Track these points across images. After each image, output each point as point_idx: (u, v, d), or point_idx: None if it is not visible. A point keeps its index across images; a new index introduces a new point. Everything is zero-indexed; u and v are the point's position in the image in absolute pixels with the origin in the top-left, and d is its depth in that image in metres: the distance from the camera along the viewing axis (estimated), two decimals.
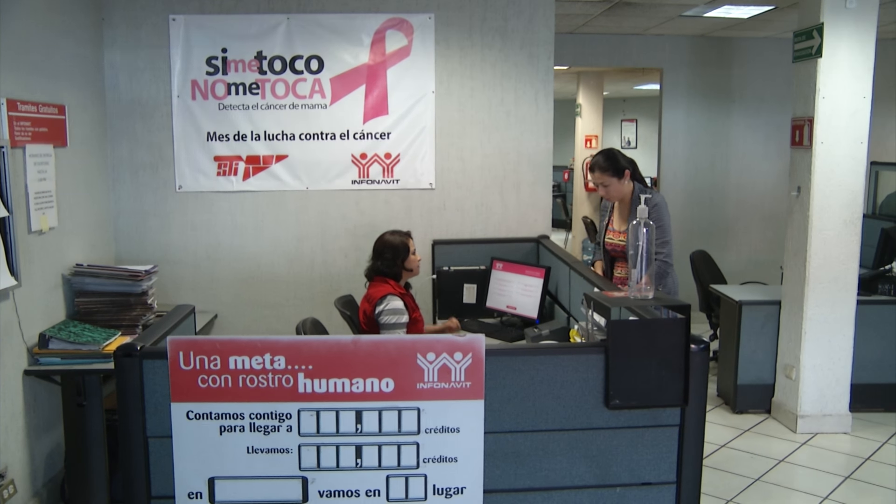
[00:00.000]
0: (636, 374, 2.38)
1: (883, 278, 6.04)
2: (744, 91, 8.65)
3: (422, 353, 2.27)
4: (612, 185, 4.64)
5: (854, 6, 5.19)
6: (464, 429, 2.33)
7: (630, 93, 16.07)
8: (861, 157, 5.37)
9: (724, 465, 5.06)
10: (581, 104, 12.30)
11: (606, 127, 15.47)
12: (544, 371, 2.40)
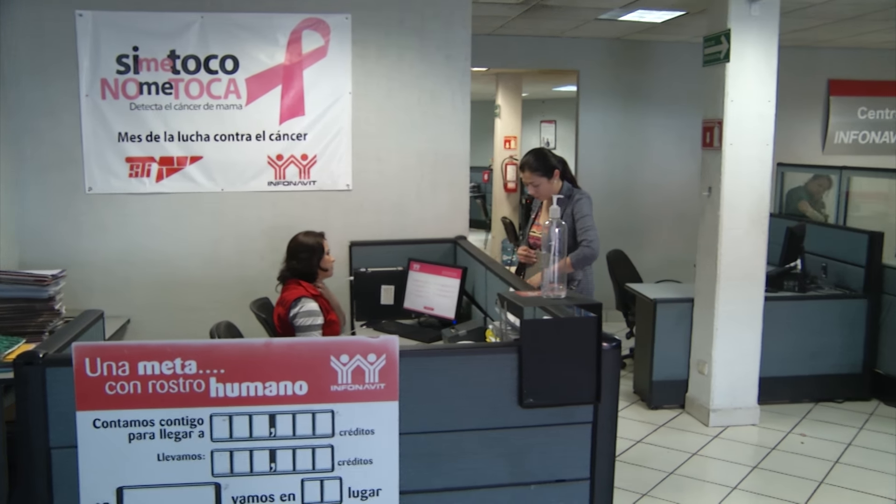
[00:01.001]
0: (549, 373, 2.41)
1: (788, 275, 6.26)
2: (658, 93, 8.84)
3: (335, 356, 2.25)
4: (542, 185, 4.75)
5: (758, 14, 5.37)
6: (379, 430, 2.32)
7: (549, 94, 16.26)
8: (767, 159, 5.55)
9: (640, 460, 5.17)
10: (500, 105, 12.39)
11: (526, 128, 15.62)
12: (458, 371, 2.42)
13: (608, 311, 8.14)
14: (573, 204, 4.74)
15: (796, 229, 6.42)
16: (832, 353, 6.24)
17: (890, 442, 5.52)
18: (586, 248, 4.61)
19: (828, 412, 6.09)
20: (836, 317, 6.22)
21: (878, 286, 6.24)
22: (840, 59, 9.38)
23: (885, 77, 9.55)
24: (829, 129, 9.46)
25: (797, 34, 8.22)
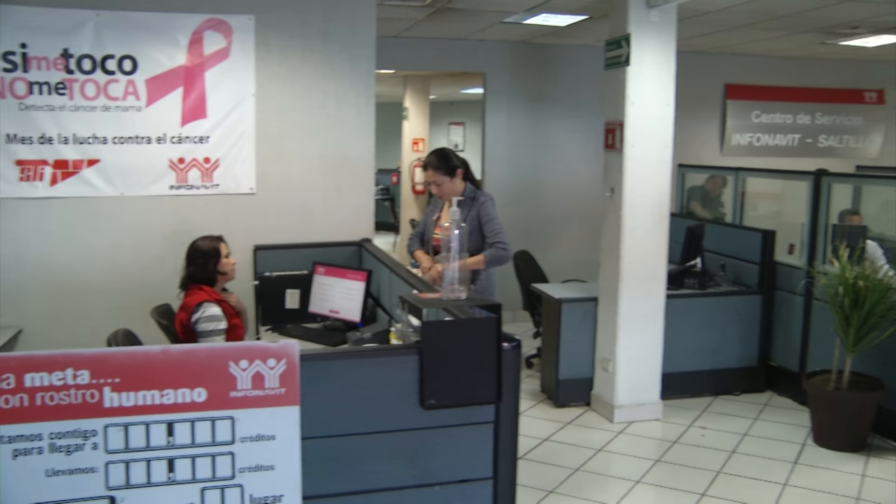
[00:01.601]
0: (450, 374, 2.42)
1: (689, 273, 6.44)
2: (563, 95, 8.99)
3: (234, 361, 2.22)
4: (444, 184, 4.78)
5: (657, 19, 5.51)
6: (280, 436, 2.30)
7: (457, 96, 16.35)
8: (667, 160, 5.71)
9: (547, 458, 5.24)
10: (408, 107, 12.41)
11: (434, 130, 15.67)
12: (360, 374, 2.41)
13: (516, 312, 8.24)
14: (478, 206, 4.80)
15: (696, 229, 6.62)
16: (730, 347, 6.46)
17: (782, 430, 5.75)
18: (502, 251, 4.70)
19: (726, 405, 6.29)
20: (734, 313, 6.45)
21: (772, 282, 6.49)
22: (736, 65, 9.72)
23: (777, 83, 9.94)
24: (726, 132, 9.79)
25: (695, 40, 8.47)
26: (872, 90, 10.39)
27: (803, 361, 6.26)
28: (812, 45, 8.73)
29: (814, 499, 4.71)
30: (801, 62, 9.93)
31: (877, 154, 10.42)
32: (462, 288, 2.60)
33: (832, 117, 10.30)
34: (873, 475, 5.04)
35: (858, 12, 6.89)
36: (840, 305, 5.31)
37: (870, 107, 10.41)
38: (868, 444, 5.44)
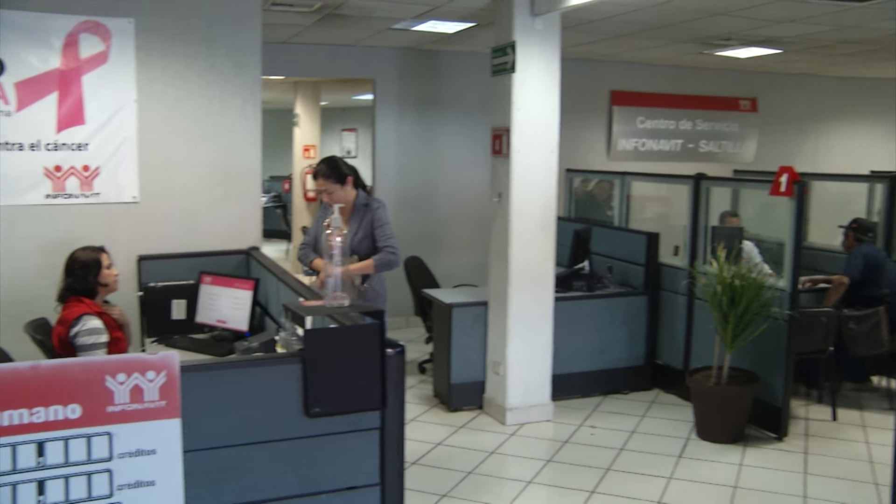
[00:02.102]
0: (334, 381, 2.41)
1: (577, 276, 6.58)
2: (452, 101, 9.06)
3: (111, 375, 2.15)
4: (335, 192, 4.82)
5: (541, 28, 5.63)
6: (161, 450, 2.24)
7: (349, 103, 16.28)
8: (553, 165, 5.82)
9: (440, 462, 5.26)
10: (299, 114, 12.30)
11: (327, 136, 15.57)
12: (243, 384, 2.38)
13: (409, 318, 8.27)
14: (372, 212, 4.84)
15: (583, 232, 6.77)
16: (618, 347, 6.63)
17: (667, 426, 5.94)
18: (392, 255, 4.77)
19: (615, 403, 6.45)
20: (621, 314, 6.62)
21: (656, 283, 6.70)
22: (621, 72, 10.00)
23: (660, 90, 10.28)
24: (612, 137, 10.05)
25: (581, 48, 8.68)
26: (746, 98, 10.87)
27: (687, 359, 6.48)
28: (691, 54, 9.06)
29: (696, 490, 4.89)
30: (682, 70, 10.30)
31: (752, 158, 10.88)
32: (345, 295, 2.59)
33: (711, 123, 10.71)
34: (750, 464, 5.27)
35: (729, 25, 7.21)
36: (718, 304, 5.52)
37: (744, 114, 10.88)
38: (745, 435, 5.68)
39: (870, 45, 8.38)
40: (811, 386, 6.63)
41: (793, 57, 9.24)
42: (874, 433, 5.82)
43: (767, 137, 11.08)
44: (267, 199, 15.78)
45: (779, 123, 11.16)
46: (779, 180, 5.49)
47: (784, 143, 11.23)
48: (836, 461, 5.36)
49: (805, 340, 5.88)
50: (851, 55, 9.06)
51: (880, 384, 6.91)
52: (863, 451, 5.52)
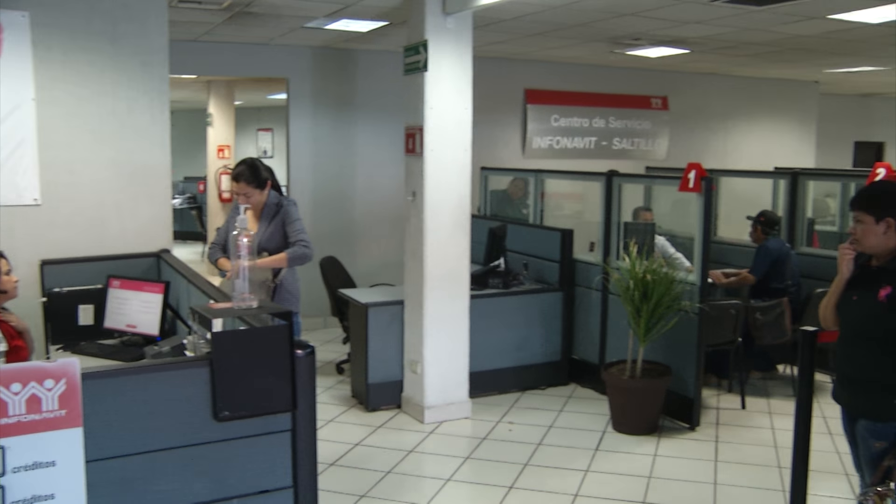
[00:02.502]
0: (244, 384, 2.38)
1: (493, 273, 6.63)
2: (367, 100, 9.01)
3: (4, 385, 2.06)
4: (253, 196, 4.83)
5: (453, 26, 5.64)
6: (61, 461, 2.16)
7: (264, 102, 16.07)
8: (466, 163, 5.85)
9: (359, 463, 5.24)
10: (212, 113, 12.08)
11: (242, 136, 15.36)
12: (149, 390, 2.32)
13: (326, 318, 8.21)
14: (283, 210, 4.84)
15: (497, 230, 6.82)
16: (535, 343, 6.70)
17: (584, 420, 6.03)
18: (305, 248, 4.77)
19: (533, 399, 6.52)
20: (537, 310, 6.69)
21: (571, 279, 6.79)
22: (535, 71, 10.11)
23: (574, 88, 10.42)
24: (527, 135, 10.14)
25: (495, 46, 8.74)
26: (658, 97, 11.12)
27: (602, 353, 6.59)
28: (603, 53, 9.22)
29: (612, 482, 4.97)
30: (595, 69, 10.47)
31: (664, 156, 11.14)
32: (254, 296, 2.55)
33: (624, 121, 10.91)
34: (664, 454, 5.39)
35: (638, 26, 7.36)
36: (631, 299, 5.63)
37: (656, 112, 11.13)
38: (660, 426, 5.81)
39: (770, 47, 8.67)
40: (721, 376, 6.81)
41: (700, 57, 9.49)
42: (779, 419, 6.02)
43: (678, 135, 11.36)
44: (181, 200, 15.48)
45: (689, 121, 11.46)
46: (687, 177, 5.63)
47: (694, 140, 11.54)
48: (744, 448, 5.53)
49: (715, 332, 6.05)
50: (754, 56, 9.36)
51: (785, 372, 7.14)
52: (769, 437, 5.71)
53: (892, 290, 3.29)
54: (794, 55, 9.31)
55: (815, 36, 7.91)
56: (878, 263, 3.41)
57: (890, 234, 3.34)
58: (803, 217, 7.61)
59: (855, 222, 3.40)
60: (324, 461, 5.14)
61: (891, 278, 3.32)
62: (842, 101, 14.81)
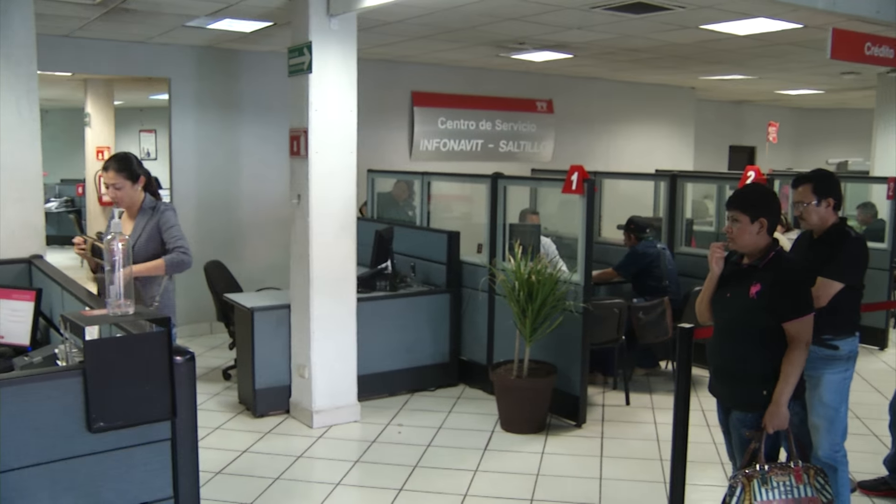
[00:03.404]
0: (119, 393, 2.29)
1: (380, 276, 6.61)
2: (253, 102, 8.87)
3: None
4: (124, 188, 4.52)
5: (337, 28, 5.61)
6: None
7: (146, 102, 15.59)
8: (351, 166, 5.82)
9: (247, 470, 5.14)
10: (90, 113, 11.65)
11: (123, 137, 14.86)
12: (15, 403, 2.20)
13: (212, 323, 8.04)
14: (159, 215, 4.58)
15: (384, 232, 6.81)
16: (423, 345, 6.72)
17: (473, 420, 6.08)
18: (184, 255, 4.51)
19: (422, 401, 6.54)
20: (425, 312, 6.72)
21: (458, 281, 6.84)
22: (422, 74, 10.15)
23: (461, 91, 10.52)
24: (414, 138, 10.18)
25: (381, 49, 8.74)
26: (543, 100, 11.34)
27: (490, 354, 6.66)
28: (488, 57, 9.34)
29: (501, 481, 5.03)
30: (481, 72, 10.60)
31: (550, 158, 11.36)
32: (129, 303, 2.47)
33: (510, 124, 11.08)
34: (551, 451, 5.49)
35: (522, 30, 7.50)
36: (517, 299, 5.72)
37: (541, 115, 11.34)
38: (547, 425, 5.91)
39: (649, 54, 8.97)
40: (607, 374, 6.99)
41: (583, 61, 9.73)
42: (661, 414, 6.21)
43: (564, 137, 11.61)
44: (58, 203, 14.88)
45: (574, 124, 11.73)
46: (570, 179, 5.75)
47: (579, 142, 11.82)
48: (628, 442, 5.69)
49: (599, 331, 6.21)
50: (634, 62, 9.67)
51: (668, 368, 7.39)
52: (651, 432, 5.90)
53: (761, 286, 3.46)
54: (671, 62, 9.66)
55: (689, 44, 8.23)
56: (749, 262, 3.58)
57: (762, 234, 3.51)
58: (682, 218, 7.89)
59: (731, 221, 3.55)
60: (210, 469, 5.03)
61: (761, 276, 3.49)
62: (717, 107, 15.46)
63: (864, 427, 5.95)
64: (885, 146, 10.38)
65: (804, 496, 3.39)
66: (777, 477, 3.42)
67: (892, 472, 4.81)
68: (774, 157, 14.91)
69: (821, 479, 3.44)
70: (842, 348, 3.95)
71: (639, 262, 6.98)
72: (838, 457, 4.04)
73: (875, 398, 6.47)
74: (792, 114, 17.01)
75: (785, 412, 3.42)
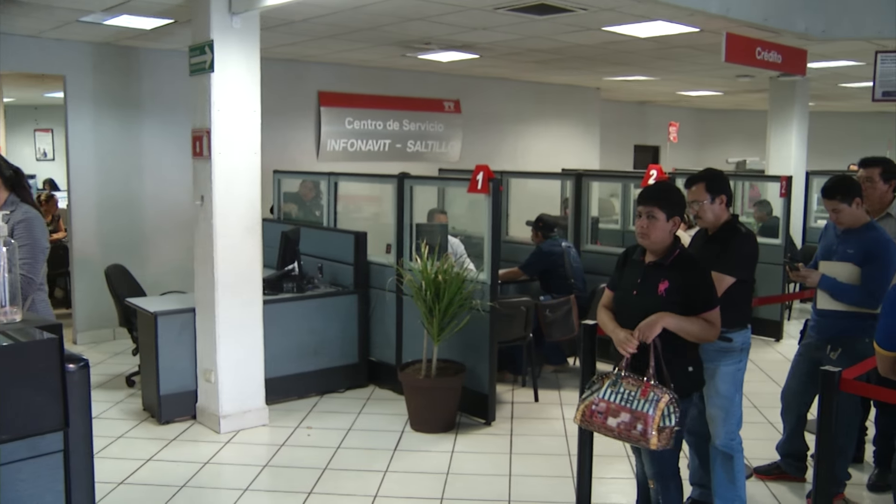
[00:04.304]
0: (6, 404, 2.20)
1: (287, 277, 6.54)
2: (155, 101, 8.64)
3: None
4: None
5: (239, 27, 5.52)
6: None
7: (42, 100, 15.04)
8: (256, 167, 5.74)
9: (151, 479, 5.02)
10: None
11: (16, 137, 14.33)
12: None
13: (115, 329, 7.82)
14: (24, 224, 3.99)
15: (291, 233, 6.73)
16: (332, 346, 6.68)
17: (383, 421, 6.07)
18: (25, 279, 3.79)
19: (332, 402, 6.49)
20: (333, 313, 6.67)
21: (366, 281, 6.82)
22: (329, 73, 10.09)
23: (368, 91, 10.49)
24: (321, 138, 10.10)
25: (286, 48, 8.64)
26: (450, 100, 11.40)
27: (399, 354, 6.65)
28: (395, 57, 9.33)
29: (411, 481, 5.03)
30: (389, 72, 10.59)
31: (457, 158, 11.43)
32: (15, 309, 2.37)
33: (418, 124, 11.10)
34: (461, 450, 5.52)
35: (427, 30, 7.52)
36: (424, 299, 5.73)
37: (449, 115, 11.40)
38: (457, 423, 5.94)
39: (553, 55, 9.11)
40: (515, 372, 7.06)
41: (490, 62, 9.82)
42: (570, 409, 6.31)
43: (471, 137, 11.70)
44: None
45: (481, 124, 11.83)
46: (475, 178, 5.79)
47: (487, 142, 11.93)
48: (537, 439, 5.76)
49: (507, 329, 6.27)
50: (540, 62, 9.81)
51: (576, 364, 7.51)
52: (560, 427, 5.99)
53: (669, 284, 3.55)
54: (575, 63, 9.83)
55: (592, 46, 8.40)
56: (653, 259, 3.66)
57: (673, 232, 3.60)
58: (588, 216, 8.03)
59: (646, 217, 3.60)
60: (111, 480, 4.89)
61: (667, 273, 3.58)
62: (622, 108, 15.82)
63: (760, 415, 6.17)
64: (778, 147, 10.79)
65: (638, 409, 3.42)
66: (627, 385, 3.51)
67: (784, 456, 5.01)
68: (678, 156, 15.37)
69: (672, 407, 3.43)
70: (735, 340, 4.09)
71: (544, 260, 7.08)
72: (734, 444, 4.18)
73: (771, 388, 6.71)
74: (694, 114, 17.55)
75: (658, 329, 3.48)
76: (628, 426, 3.44)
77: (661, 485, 3.71)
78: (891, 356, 2.84)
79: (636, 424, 3.42)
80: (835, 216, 4.52)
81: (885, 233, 4.49)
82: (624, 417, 3.45)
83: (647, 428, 3.38)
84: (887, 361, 2.88)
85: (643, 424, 3.40)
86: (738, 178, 10.33)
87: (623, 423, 3.45)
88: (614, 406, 3.48)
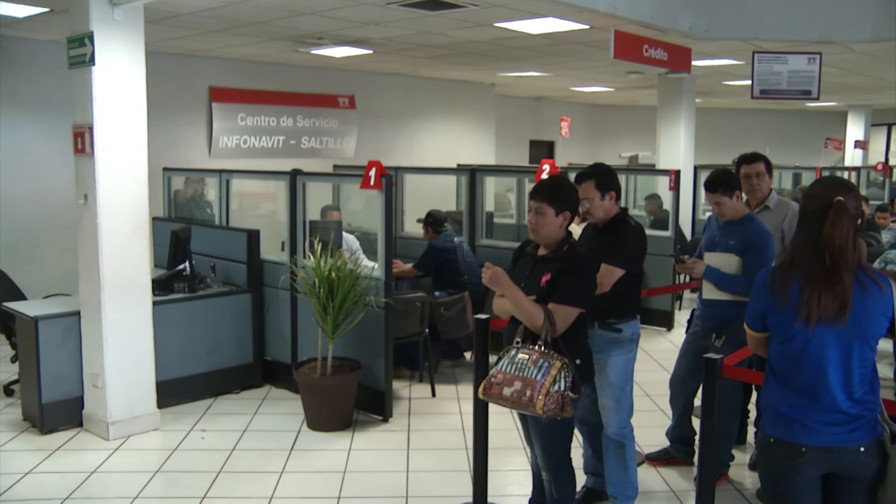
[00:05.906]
0: None
1: (178, 277, 6.37)
2: (34, 95, 8.30)
3: None
4: None
5: (122, 18, 5.34)
6: None
7: None
8: (142, 164, 5.56)
9: (32, 493, 4.80)
10: None
11: None
12: None
13: None
14: None
15: (181, 232, 6.56)
16: (226, 347, 6.54)
17: (279, 421, 5.99)
18: None
19: (226, 404, 6.36)
20: (226, 312, 6.54)
21: (260, 280, 6.71)
22: (220, 68, 9.88)
23: (261, 87, 10.32)
24: (213, 134, 9.88)
25: (174, 42, 8.41)
26: (345, 96, 11.33)
27: (294, 353, 6.57)
28: (288, 52, 9.21)
29: (308, 480, 4.98)
30: (282, 68, 10.44)
31: (353, 154, 11.38)
32: None
33: (312, 120, 11.00)
34: (358, 448, 5.50)
35: (319, 25, 7.44)
36: (317, 296, 5.67)
37: (344, 111, 11.33)
38: (354, 421, 5.91)
39: (447, 50, 9.16)
40: (413, 367, 7.06)
41: (384, 57, 9.79)
42: (466, 404, 6.35)
43: (367, 133, 11.65)
44: None
45: (376, 120, 11.79)
46: (368, 174, 5.76)
47: (382, 138, 11.90)
48: (434, 434, 5.78)
49: (402, 325, 6.27)
50: (434, 58, 9.84)
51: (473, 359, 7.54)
52: (457, 422, 6.02)
53: (551, 276, 3.60)
54: (469, 59, 9.90)
55: (486, 42, 8.47)
56: (544, 253, 3.71)
57: (563, 226, 3.65)
58: (482, 211, 8.09)
59: (535, 213, 3.64)
60: None
61: (551, 266, 3.62)
62: (517, 103, 16.02)
63: (651, 403, 6.35)
64: (668, 141, 11.12)
65: (528, 376, 3.45)
66: (521, 353, 3.54)
67: (673, 442, 5.16)
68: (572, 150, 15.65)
69: (564, 373, 3.45)
70: (625, 331, 4.19)
71: (437, 257, 7.11)
72: (626, 433, 4.28)
73: (662, 376, 6.89)
74: (587, 110, 17.92)
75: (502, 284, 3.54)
76: (519, 393, 3.45)
77: (554, 475, 3.77)
78: (758, 336, 3.01)
79: (525, 391, 3.44)
80: (717, 209, 4.67)
81: (763, 224, 4.68)
82: (516, 386, 3.47)
83: (534, 394, 3.41)
84: (755, 341, 3.05)
85: (531, 390, 3.42)
86: (629, 173, 10.61)
87: (515, 391, 3.47)
88: (509, 376, 3.51)
